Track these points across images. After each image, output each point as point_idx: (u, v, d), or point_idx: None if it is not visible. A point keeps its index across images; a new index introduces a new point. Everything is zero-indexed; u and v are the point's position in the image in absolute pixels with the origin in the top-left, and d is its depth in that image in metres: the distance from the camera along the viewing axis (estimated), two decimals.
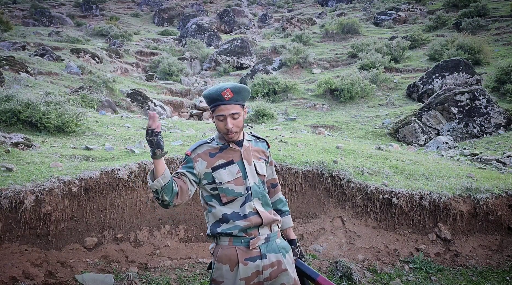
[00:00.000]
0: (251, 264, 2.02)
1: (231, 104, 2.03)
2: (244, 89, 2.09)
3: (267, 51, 22.04)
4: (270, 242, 2.10)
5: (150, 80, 17.19)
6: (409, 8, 28.01)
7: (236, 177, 2.09)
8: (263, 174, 2.19)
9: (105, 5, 38.49)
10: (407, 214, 4.54)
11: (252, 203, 2.09)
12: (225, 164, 2.10)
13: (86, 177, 3.91)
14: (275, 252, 2.09)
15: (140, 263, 3.97)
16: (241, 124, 2.09)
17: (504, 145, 7.84)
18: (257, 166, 2.17)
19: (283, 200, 2.38)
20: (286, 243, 2.21)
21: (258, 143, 2.28)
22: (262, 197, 2.15)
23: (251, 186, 2.11)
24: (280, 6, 40.88)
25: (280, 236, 2.21)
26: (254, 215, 2.07)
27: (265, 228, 2.10)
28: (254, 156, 2.18)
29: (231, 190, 2.08)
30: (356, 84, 13.23)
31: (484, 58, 14.82)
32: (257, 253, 2.04)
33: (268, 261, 2.05)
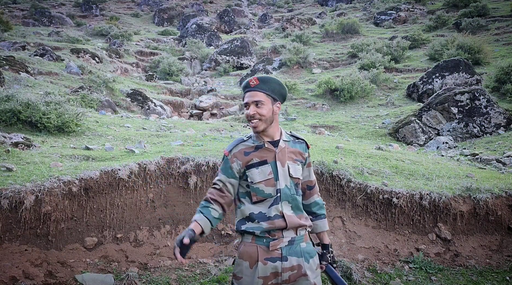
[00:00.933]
0: (270, 264, 2.03)
1: (255, 91, 2.08)
2: (272, 80, 2.12)
3: (267, 51, 22.04)
4: (294, 245, 2.08)
5: (150, 80, 17.19)
6: (409, 8, 28.01)
7: (268, 178, 2.08)
8: (297, 177, 2.13)
9: (105, 5, 38.49)
10: (407, 214, 4.54)
11: (279, 206, 2.06)
12: (258, 163, 2.10)
13: (86, 177, 3.91)
14: (297, 256, 2.06)
15: (140, 263, 3.97)
16: (266, 115, 2.06)
17: (504, 145, 7.84)
18: (291, 168, 2.12)
19: (319, 203, 2.29)
20: (312, 248, 2.16)
21: (296, 144, 2.21)
22: (292, 200, 2.10)
23: (282, 188, 2.08)
24: (280, 6, 40.88)
25: (308, 240, 2.15)
26: (279, 219, 2.05)
27: (290, 231, 2.08)
28: (289, 157, 2.14)
29: (261, 190, 2.08)
30: (356, 84, 13.23)
31: (484, 58, 14.82)
32: (278, 255, 2.04)
33: (289, 264, 2.04)
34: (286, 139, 2.18)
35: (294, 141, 2.21)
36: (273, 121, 2.11)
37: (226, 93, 15.59)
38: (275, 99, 2.11)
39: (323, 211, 2.29)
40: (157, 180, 4.36)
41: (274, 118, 2.11)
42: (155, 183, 4.34)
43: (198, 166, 4.51)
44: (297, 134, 2.27)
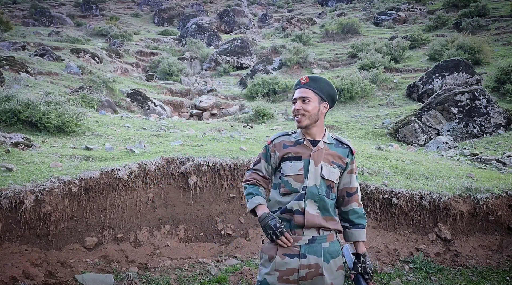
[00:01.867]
0: (288, 259, 2.07)
1: (304, 88, 2.16)
2: (322, 80, 2.18)
3: (267, 51, 22.04)
4: (315, 244, 2.09)
5: (150, 80, 17.19)
6: (409, 8, 28.02)
7: (298, 173, 2.12)
8: (329, 179, 2.13)
9: (105, 5, 38.48)
10: (407, 214, 4.54)
11: (302, 203, 2.09)
12: (293, 158, 2.16)
13: (86, 177, 3.91)
14: (316, 255, 2.07)
15: (140, 263, 3.97)
16: (310, 111, 2.12)
17: (504, 145, 7.84)
18: (325, 169, 2.13)
19: (358, 212, 2.23)
20: (337, 249, 2.14)
21: (338, 148, 2.21)
22: (319, 200, 2.11)
23: (309, 186, 2.10)
24: (280, 6, 40.89)
25: (333, 240, 2.14)
26: (299, 215, 2.08)
27: (312, 230, 2.10)
28: (325, 159, 2.14)
29: (289, 183, 2.13)
30: (356, 84, 13.23)
31: (484, 58, 14.82)
32: (297, 251, 2.07)
33: (307, 261, 2.06)
34: (327, 141, 2.20)
35: (336, 145, 2.22)
36: (317, 120, 2.16)
37: (226, 93, 15.59)
38: (323, 98, 2.17)
39: (362, 221, 2.22)
40: (157, 180, 4.36)
41: (319, 117, 2.16)
42: (155, 183, 4.34)
43: (198, 166, 4.51)
44: (343, 139, 2.26)
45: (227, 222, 4.53)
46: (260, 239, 4.60)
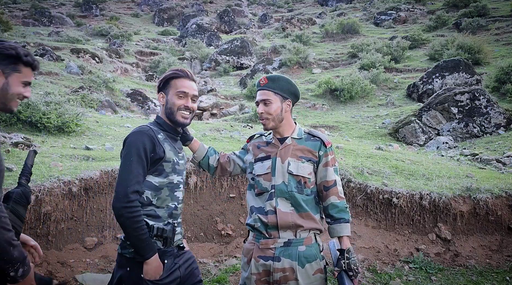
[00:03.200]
0: (262, 262, 2.07)
1: (263, 90, 2.15)
2: (281, 79, 2.16)
3: (267, 51, 22.04)
4: (290, 247, 2.04)
5: (150, 80, 17.20)
6: (409, 8, 28.02)
7: (266, 172, 2.12)
8: (298, 174, 2.08)
9: (105, 5, 38.49)
10: (407, 214, 4.54)
11: (273, 202, 2.07)
12: (263, 158, 2.17)
13: (86, 177, 3.91)
14: (291, 259, 2.02)
15: None
16: (273, 113, 2.11)
17: (504, 145, 7.83)
18: (292, 165, 2.09)
19: (337, 205, 2.11)
20: (314, 252, 2.07)
21: (308, 142, 2.16)
22: (290, 197, 2.07)
23: (277, 184, 2.08)
24: (280, 6, 40.89)
25: (310, 243, 2.07)
26: (272, 214, 2.06)
27: (288, 232, 2.06)
28: (293, 154, 2.11)
29: (260, 183, 2.13)
30: (356, 84, 13.23)
31: (484, 58, 14.82)
32: (271, 254, 2.05)
33: (281, 265, 2.03)
34: (296, 136, 2.17)
35: (307, 139, 2.18)
36: (283, 119, 2.14)
37: (226, 93, 15.60)
38: (285, 97, 2.14)
39: (343, 215, 2.10)
40: None
41: (284, 116, 2.14)
42: None
43: None
44: (316, 132, 2.22)
45: (227, 222, 4.53)
46: None
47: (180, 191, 2.03)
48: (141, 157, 1.86)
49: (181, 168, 2.04)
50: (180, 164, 2.04)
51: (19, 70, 1.73)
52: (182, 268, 2.02)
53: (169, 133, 2.04)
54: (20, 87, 1.74)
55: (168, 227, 1.93)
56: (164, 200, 1.95)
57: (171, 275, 1.94)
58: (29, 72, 1.76)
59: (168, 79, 2.03)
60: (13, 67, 1.71)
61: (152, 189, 1.91)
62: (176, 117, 1.99)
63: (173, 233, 1.96)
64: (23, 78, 1.74)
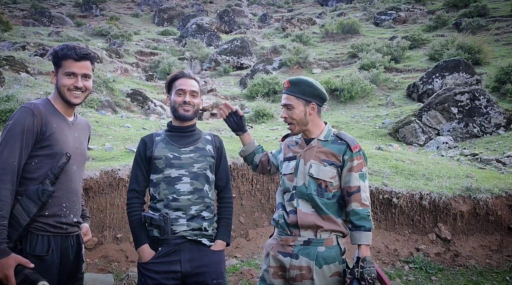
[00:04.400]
0: (281, 257, 2.09)
1: (285, 94, 2.16)
2: (302, 82, 2.14)
3: (267, 51, 22.03)
4: (310, 247, 2.04)
5: (150, 80, 17.19)
6: (409, 8, 28.01)
7: (290, 172, 2.15)
8: (319, 177, 2.06)
9: (105, 5, 38.48)
10: (407, 214, 4.54)
11: (294, 202, 2.09)
12: (290, 158, 2.20)
13: (86, 177, 3.91)
14: (309, 258, 2.02)
15: None
16: (297, 117, 2.11)
17: (504, 145, 7.83)
18: (313, 167, 2.07)
19: (359, 212, 2.05)
20: (333, 254, 2.03)
21: (333, 145, 2.11)
22: (310, 200, 2.06)
23: (298, 186, 2.10)
24: (280, 6, 40.88)
25: (331, 245, 2.05)
26: (293, 214, 2.09)
27: (309, 231, 2.06)
28: (316, 157, 2.09)
29: (285, 182, 2.18)
30: (356, 84, 13.22)
31: (484, 58, 14.81)
32: (290, 251, 2.07)
33: (298, 263, 2.03)
34: (323, 138, 2.14)
35: (334, 141, 2.12)
36: (308, 122, 2.13)
37: (226, 93, 15.60)
38: (308, 100, 2.13)
39: (363, 223, 2.04)
40: None
41: (309, 119, 2.13)
42: None
43: None
44: (344, 135, 2.15)
45: None
46: (260, 239, 4.60)
47: (182, 183, 2.10)
48: (137, 160, 2.23)
49: (185, 161, 2.13)
50: (183, 158, 2.14)
51: (60, 65, 1.93)
52: (187, 265, 2.04)
53: (174, 132, 2.24)
54: (65, 79, 1.92)
55: (156, 216, 2.05)
56: (163, 193, 2.10)
57: (165, 265, 2.03)
58: (71, 63, 1.92)
59: (170, 83, 2.27)
60: (56, 64, 1.94)
61: (152, 185, 2.16)
62: (178, 112, 2.19)
63: (165, 222, 2.04)
64: (64, 70, 1.92)
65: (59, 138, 1.89)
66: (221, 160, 2.29)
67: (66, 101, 1.95)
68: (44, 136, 1.85)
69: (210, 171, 2.19)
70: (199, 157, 2.16)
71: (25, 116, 1.82)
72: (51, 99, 1.99)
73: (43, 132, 1.85)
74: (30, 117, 1.82)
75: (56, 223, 1.90)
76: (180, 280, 2.04)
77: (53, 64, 1.96)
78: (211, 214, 2.19)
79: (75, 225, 2.03)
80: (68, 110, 2.01)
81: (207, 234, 2.14)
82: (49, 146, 1.86)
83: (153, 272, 2.02)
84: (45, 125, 1.85)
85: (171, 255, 2.04)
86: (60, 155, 1.88)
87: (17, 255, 1.72)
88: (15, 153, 1.78)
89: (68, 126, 1.98)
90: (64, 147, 1.90)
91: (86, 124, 2.18)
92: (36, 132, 1.83)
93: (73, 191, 1.98)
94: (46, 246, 1.86)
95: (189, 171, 2.12)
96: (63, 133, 1.92)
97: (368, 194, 2.10)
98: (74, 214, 2.00)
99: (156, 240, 2.07)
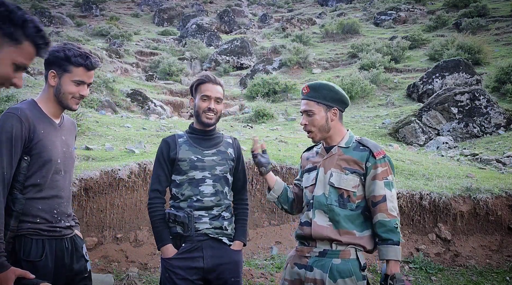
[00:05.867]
0: (296, 269, 2.03)
1: (305, 100, 2.06)
2: (322, 87, 2.03)
3: (267, 51, 22.03)
4: (325, 259, 1.95)
5: (150, 80, 17.19)
6: (409, 8, 28.00)
7: (311, 184, 2.06)
8: (340, 187, 1.96)
9: (105, 5, 38.48)
10: (407, 214, 4.54)
11: (310, 213, 2.00)
12: (310, 169, 2.12)
13: (86, 177, 3.91)
14: (322, 270, 1.92)
15: (140, 263, 3.97)
16: (317, 125, 2.01)
17: (504, 145, 7.84)
18: (334, 176, 1.97)
19: (385, 224, 1.93)
20: (351, 268, 1.92)
21: (355, 152, 2.01)
22: (328, 211, 1.96)
23: (316, 195, 2.00)
24: (280, 6, 40.87)
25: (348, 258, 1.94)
26: (308, 226, 2.00)
27: (325, 242, 1.96)
28: (337, 165, 1.99)
29: (306, 195, 2.09)
30: (356, 84, 13.22)
31: (484, 58, 14.81)
32: (305, 262, 2.00)
33: (312, 275, 1.94)
34: (344, 145, 2.04)
35: (356, 148, 2.02)
36: (330, 128, 2.04)
37: (226, 93, 15.53)
38: (329, 106, 2.03)
39: (390, 235, 1.93)
40: None
41: (331, 125, 2.03)
42: None
43: None
44: (366, 141, 2.04)
45: None
46: (260, 239, 4.60)
47: (206, 185, 2.15)
48: (160, 160, 2.19)
49: (208, 164, 2.17)
50: (206, 160, 2.17)
51: (68, 70, 1.85)
52: (209, 261, 2.10)
53: (196, 134, 2.24)
54: (72, 86, 1.86)
55: (180, 213, 2.10)
56: (187, 194, 2.14)
57: (189, 261, 2.08)
58: (81, 71, 1.86)
59: (196, 85, 2.23)
60: (61, 67, 1.85)
61: (175, 186, 2.17)
62: (201, 118, 2.18)
63: (189, 220, 2.09)
64: (73, 78, 1.86)
65: (46, 144, 1.82)
66: (239, 163, 2.31)
67: (64, 106, 1.91)
68: (31, 144, 1.77)
69: (229, 174, 2.23)
70: (221, 160, 2.19)
71: (12, 123, 1.72)
72: (39, 101, 1.89)
73: (31, 139, 1.77)
74: (18, 124, 1.73)
75: (48, 227, 1.86)
76: (202, 275, 2.11)
77: (55, 65, 1.85)
78: (230, 214, 2.24)
79: (68, 228, 1.98)
80: (57, 112, 1.94)
81: (227, 233, 2.18)
82: (37, 154, 1.79)
83: (178, 267, 2.08)
84: (32, 131, 1.77)
85: (193, 252, 2.09)
86: (49, 162, 1.82)
87: (16, 268, 1.63)
88: (3, 163, 1.69)
89: (55, 130, 1.90)
90: (52, 153, 1.84)
91: (72, 124, 2.11)
92: (24, 139, 1.75)
93: (62, 197, 1.93)
94: (41, 250, 1.81)
95: (212, 173, 2.16)
96: (50, 139, 1.85)
97: (396, 205, 1.97)
98: (66, 220, 1.96)
99: (179, 236, 2.12)
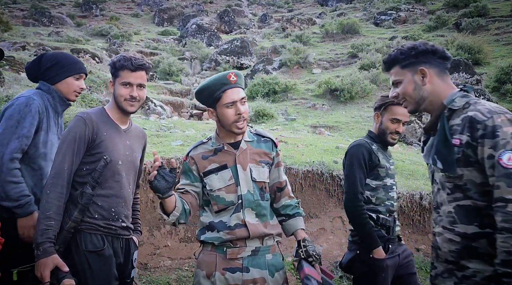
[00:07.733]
0: (229, 275, 1.87)
1: (238, 88, 1.91)
2: (242, 75, 2.01)
3: (267, 51, 22.04)
4: (258, 256, 1.92)
5: (150, 80, 17.19)
6: (409, 8, 28.01)
7: (228, 184, 1.93)
8: (261, 180, 1.98)
9: (105, 5, 38.49)
10: (407, 214, 4.54)
11: (241, 214, 1.91)
12: (217, 168, 1.95)
13: None
14: (260, 268, 1.90)
15: (140, 263, 3.97)
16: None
17: None
18: (254, 171, 1.96)
19: (291, 203, 2.08)
20: (280, 261, 2.00)
21: (261, 144, 2.03)
22: (256, 207, 1.95)
23: (243, 194, 1.93)
24: (280, 6, 40.89)
25: (275, 252, 2.00)
26: (241, 228, 1.90)
27: (255, 240, 1.93)
28: (252, 159, 1.97)
29: (222, 198, 1.93)
30: (356, 84, 13.23)
31: (484, 58, 14.82)
32: (239, 265, 1.88)
33: (251, 276, 1.87)
34: (248, 139, 2.02)
35: (258, 141, 2.04)
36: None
37: None
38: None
39: (297, 210, 2.09)
40: None
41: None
42: None
43: None
44: (263, 132, 2.10)
45: None
46: None
47: (393, 191, 2.46)
48: (361, 164, 2.33)
49: (393, 172, 2.49)
50: (391, 169, 2.48)
51: (117, 75, 2.08)
52: (401, 256, 2.40)
53: (380, 144, 2.46)
54: (121, 89, 2.06)
55: (390, 218, 2.37)
56: (381, 199, 2.39)
57: (392, 259, 2.33)
58: (126, 73, 2.04)
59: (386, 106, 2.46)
60: (114, 74, 2.10)
61: (370, 190, 2.37)
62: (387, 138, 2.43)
63: (394, 223, 2.39)
64: (121, 81, 2.06)
65: (108, 145, 2.00)
66: None
67: (122, 110, 2.09)
68: (94, 144, 1.98)
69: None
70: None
71: (77, 124, 1.96)
72: (107, 108, 2.13)
73: (94, 140, 1.97)
74: (82, 126, 1.96)
75: (105, 224, 1.99)
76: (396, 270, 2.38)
77: (111, 75, 2.10)
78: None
79: (125, 228, 2.10)
80: (123, 118, 2.15)
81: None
82: (99, 153, 1.98)
83: (388, 267, 2.29)
84: (95, 133, 1.98)
85: (394, 251, 2.37)
86: (109, 162, 1.99)
87: (57, 257, 1.78)
88: (67, 159, 1.91)
89: (120, 134, 2.09)
90: (113, 154, 2.01)
91: (141, 132, 2.31)
92: (88, 139, 1.96)
93: (121, 197, 2.06)
94: (101, 242, 1.96)
95: (395, 180, 2.52)
96: (113, 141, 2.03)
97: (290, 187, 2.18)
98: (123, 220, 2.08)
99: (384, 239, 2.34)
